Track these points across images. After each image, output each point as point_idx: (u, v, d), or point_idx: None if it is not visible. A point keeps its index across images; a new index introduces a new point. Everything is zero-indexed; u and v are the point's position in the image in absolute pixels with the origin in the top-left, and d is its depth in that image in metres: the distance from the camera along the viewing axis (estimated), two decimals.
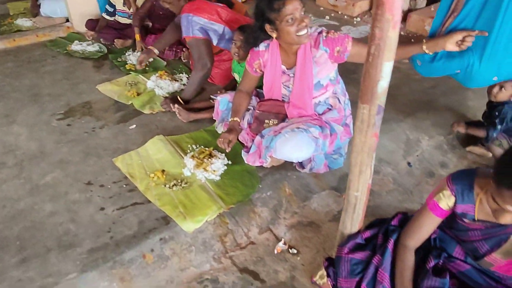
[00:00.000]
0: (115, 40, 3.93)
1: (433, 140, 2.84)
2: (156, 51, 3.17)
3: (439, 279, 1.52)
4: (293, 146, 2.00)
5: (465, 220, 1.51)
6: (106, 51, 3.87)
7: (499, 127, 2.49)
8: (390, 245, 1.63)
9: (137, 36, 3.71)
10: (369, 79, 1.33)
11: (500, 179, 1.25)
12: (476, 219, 1.48)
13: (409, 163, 2.62)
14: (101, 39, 3.99)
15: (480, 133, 2.64)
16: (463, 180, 1.49)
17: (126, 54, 3.75)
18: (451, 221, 1.59)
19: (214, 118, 2.58)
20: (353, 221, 1.70)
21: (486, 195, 1.37)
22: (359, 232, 1.73)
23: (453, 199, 1.50)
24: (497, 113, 2.50)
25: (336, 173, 2.38)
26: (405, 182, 2.47)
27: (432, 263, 1.60)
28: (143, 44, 3.71)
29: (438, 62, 2.07)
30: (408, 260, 1.57)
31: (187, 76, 3.34)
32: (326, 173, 2.36)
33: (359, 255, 1.65)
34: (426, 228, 1.60)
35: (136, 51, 3.74)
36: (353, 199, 1.63)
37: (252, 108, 2.40)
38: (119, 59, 3.70)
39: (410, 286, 1.52)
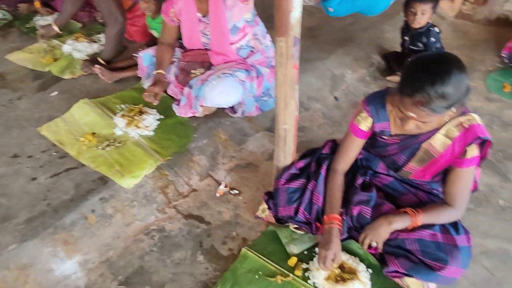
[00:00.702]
0: (18, 5, 3.61)
1: (356, 73, 3.01)
2: (56, 29, 2.91)
3: (367, 193, 1.69)
4: (221, 91, 2.03)
5: (384, 136, 1.66)
6: (10, 17, 3.56)
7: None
8: (323, 170, 1.76)
9: (36, 3, 3.42)
10: (281, 11, 1.38)
11: (402, 88, 1.38)
12: (392, 134, 1.63)
13: (336, 98, 2.77)
14: (3, 5, 3.65)
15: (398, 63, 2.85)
16: (376, 100, 1.62)
17: (34, 19, 3.47)
18: (373, 140, 1.73)
19: (139, 75, 2.53)
20: (286, 154, 1.81)
21: (395, 109, 1.51)
22: (293, 163, 1.84)
23: (370, 119, 1.63)
24: (419, 42, 2.70)
25: (268, 114, 2.46)
26: (333, 115, 2.62)
27: (359, 180, 1.76)
28: (44, 11, 3.43)
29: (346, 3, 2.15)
30: (337, 182, 1.71)
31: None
32: (259, 115, 2.44)
33: (295, 184, 1.77)
34: (352, 151, 1.74)
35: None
36: (283, 132, 1.73)
37: (177, 60, 2.38)
38: (27, 26, 3.42)
39: (338, 203, 1.66)
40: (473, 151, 1.50)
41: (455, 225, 1.59)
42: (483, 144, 1.51)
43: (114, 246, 1.78)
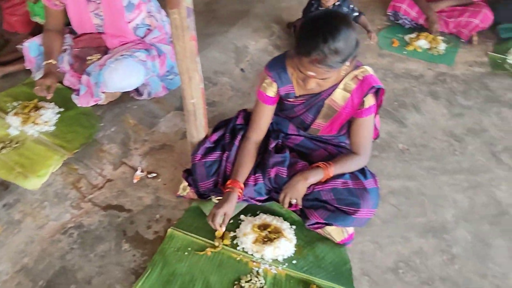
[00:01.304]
0: None
1: (258, 44, 3.06)
2: None
3: (281, 155, 1.75)
4: (121, 74, 1.95)
5: (289, 99, 1.73)
6: None
7: None
8: (237, 141, 1.80)
9: None
10: None
11: (298, 49, 1.44)
12: (297, 95, 1.70)
13: (242, 69, 2.81)
14: None
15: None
16: (277, 65, 1.67)
17: None
18: (280, 104, 1.80)
19: (28, 68, 2.32)
20: (198, 129, 1.81)
21: (296, 71, 1.58)
22: (206, 137, 1.84)
23: (274, 84, 1.68)
24: None
25: (176, 93, 2.42)
26: (241, 86, 2.65)
27: (272, 144, 1.82)
28: None
29: None
30: (247, 149, 1.75)
31: None
32: (167, 95, 2.39)
33: (211, 157, 1.78)
34: (264, 118, 1.78)
35: None
36: (191, 107, 1.71)
37: (69, 48, 2.22)
38: None
39: (245, 170, 1.71)
40: (369, 100, 1.63)
41: (363, 171, 1.72)
42: (378, 92, 1.65)
43: (29, 251, 1.66)
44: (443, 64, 3.01)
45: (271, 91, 1.70)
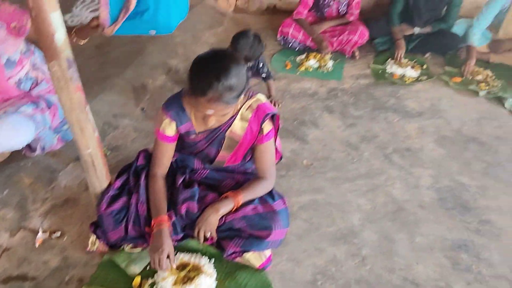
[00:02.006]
0: None
1: (157, 81, 3.06)
2: None
3: (190, 190, 1.77)
4: (7, 132, 1.82)
5: (191, 136, 1.76)
6: None
7: None
8: (142, 181, 1.78)
9: None
10: (44, 35, 1.31)
11: (194, 89, 1.49)
12: (197, 132, 1.74)
13: (142, 109, 2.78)
14: None
15: None
16: (174, 104, 1.70)
17: None
18: (182, 142, 1.81)
19: None
20: (99, 178, 1.75)
21: (193, 109, 1.62)
22: (110, 184, 1.79)
23: (173, 123, 1.70)
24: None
25: (74, 143, 2.30)
26: (144, 126, 2.62)
27: (180, 180, 1.82)
28: None
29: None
30: (158, 185, 1.75)
31: None
32: (64, 146, 2.27)
33: (117, 205, 1.73)
34: (165, 156, 1.78)
35: None
36: (88, 157, 1.66)
37: None
38: None
39: (163, 205, 1.70)
40: (267, 126, 1.72)
41: (271, 194, 1.80)
42: (273, 117, 1.75)
43: None
44: (333, 80, 3.26)
45: (171, 130, 1.72)
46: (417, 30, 3.57)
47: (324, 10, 3.65)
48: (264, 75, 2.87)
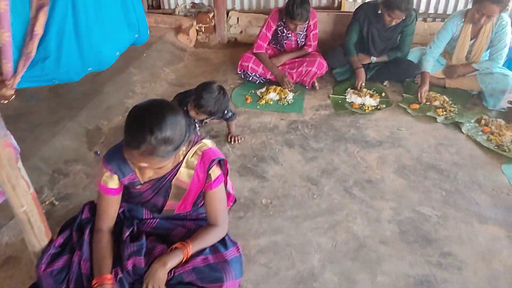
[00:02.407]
0: None
1: (112, 122, 2.98)
2: None
3: (136, 243, 1.67)
4: None
5: (136, 187, 1.68)
6: None
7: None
8: (86, 236, 1.67)
9: None
10: None
11: (127, 142, 1.41)
12: (142, 182, 1.66)
13: (96, 153, 2.68)
14: None
15: None
16: (115, 156, 1.62)
17: None
18: (127, 192, 1.73)
19: None
20: (38, 236, 1.63)
21: (130, 162, 1.54)
22: (51, 241, 1.68)
23: (115, 176, 1.62)
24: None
25: None
26: (98, 171, 2.51)
27: (126, 233, 1.72)
28: None
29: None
30: (102, 240, 1.64)
31: None
32: (5, 200, 2.14)
33: (58, 264, 1.62)
34: (110, 209, 1.69)
35: None
36: (23, 215, 1.55)
37: None
38: None
39: (107, 262, 1.59)
40: (215, 172, 1.66)
41: (223, 241, 1.72)
42: (221, 162, 1.69)
43: None
44: (294, 113, 3.26)
45: (113, 183, 1.64)
46: (374, 59, 3.64)
47: (283, 42, 3.68)
48: (227, 117, 2.82)
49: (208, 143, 1.69)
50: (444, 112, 3.22)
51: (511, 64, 3.58)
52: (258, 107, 3.33)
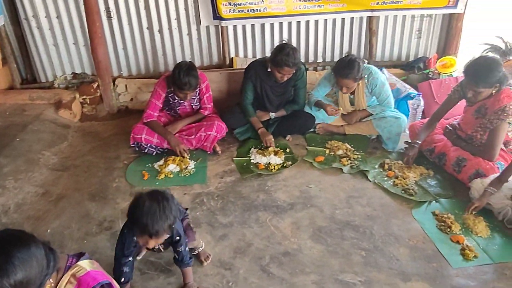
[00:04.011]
0: None
1: None
2: None
3: None
4: None
5: None
6: None
7: None
8: None
9: None
10: None
11: None
12: None
13: None
14: None
15: None
16: None
17: None
18: None
19: None
20: None
21: None
22: None
23: None
24: None
25: None
26: None
27: None
28: None
29: None
30: None
31: None
32: None
33: None
34: None
35: None
36: None
37: None
38: None
39: None
40: None
41: None
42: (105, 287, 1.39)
43: None
44: (198, 184, 3.02)
45: None
46: (272, 115, 3.61)
47: (177, 108, 3.49)
48: (179, 257, 2.04)
49: (86, 265, 1.39)
50: (349, 161, 3.23)
51: (399, 104, 3.79)
52: (157, 183, 3.05)
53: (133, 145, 3.39)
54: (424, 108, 3.77)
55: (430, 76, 4.16)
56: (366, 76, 3.36)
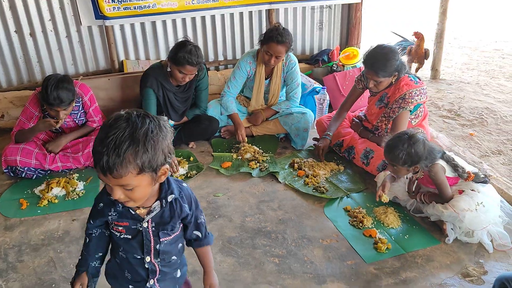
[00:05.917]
0: None
1: None
2: None
3: None
4: None
5: None
6: None
7: None
8: None
9: None
10: None
11: None
12: None
13: None
14: None
15: None
16: None
17: None
18: None
19: None
20: None
21: None
22: None
23: None
24: None
25: None
26: None
27: None
28: None
29: None
30: None
31: None
32: None
33: None
34: None
35: None
36: None
37: None
38: None
39: None
40: None
41: None
42: None
43: None
44: (88, 207, 2.84)
45: None
46: (171, 123, 3.53)
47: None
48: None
49: None
50: (258, 164, 3.28)
51: (306, 100, 3.94)
52: (39, 211, 2.82)
53: (6, 170, 3.11)
54: (331, 101, 3.98)
55: (334, 68, 4.40)
56: (284, 58, 3.49)
